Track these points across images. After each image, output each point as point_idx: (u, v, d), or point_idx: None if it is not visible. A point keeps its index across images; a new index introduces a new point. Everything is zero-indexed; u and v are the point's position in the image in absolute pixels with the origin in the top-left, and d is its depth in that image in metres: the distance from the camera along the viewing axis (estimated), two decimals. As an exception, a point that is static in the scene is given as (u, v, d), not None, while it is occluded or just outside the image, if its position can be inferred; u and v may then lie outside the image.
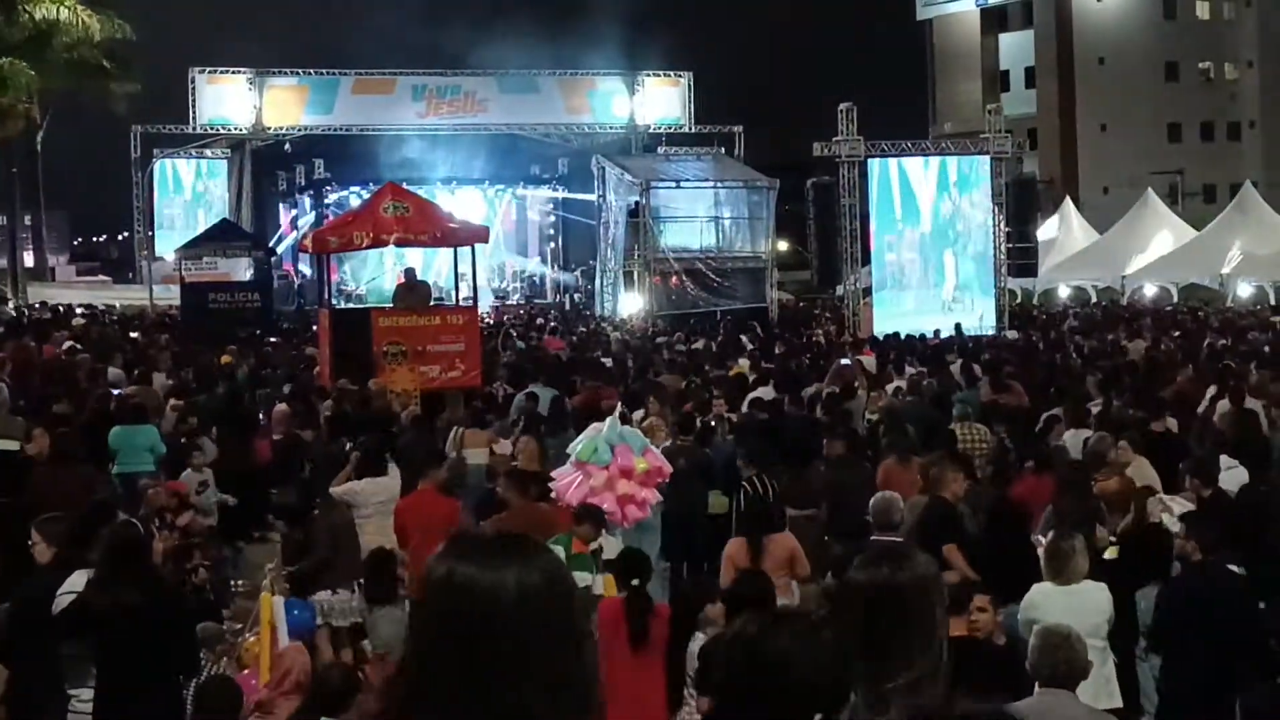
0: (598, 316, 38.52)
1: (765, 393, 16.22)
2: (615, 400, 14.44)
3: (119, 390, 16.95)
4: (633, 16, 49.43)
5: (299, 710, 6.88)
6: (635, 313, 36.95)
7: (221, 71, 46.84)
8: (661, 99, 49.51)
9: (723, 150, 46.85)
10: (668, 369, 20.14)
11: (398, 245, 21.00)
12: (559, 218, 48.64)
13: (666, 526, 11.78)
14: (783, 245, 45.66)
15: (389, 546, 9.82)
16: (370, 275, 39.06)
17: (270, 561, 10.22)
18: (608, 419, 10.59)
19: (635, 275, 38.14)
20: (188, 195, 50.40)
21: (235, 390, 17.64)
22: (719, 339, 28.18)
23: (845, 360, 20.18)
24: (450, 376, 18.69)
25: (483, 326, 24.29)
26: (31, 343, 23.60)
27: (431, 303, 21.46)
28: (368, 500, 10.81)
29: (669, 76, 49.84)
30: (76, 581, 7.37)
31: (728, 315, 35.03)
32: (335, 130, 47.27)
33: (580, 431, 10.85)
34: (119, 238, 78.70)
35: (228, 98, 46.62)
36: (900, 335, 26.56)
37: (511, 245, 48.31)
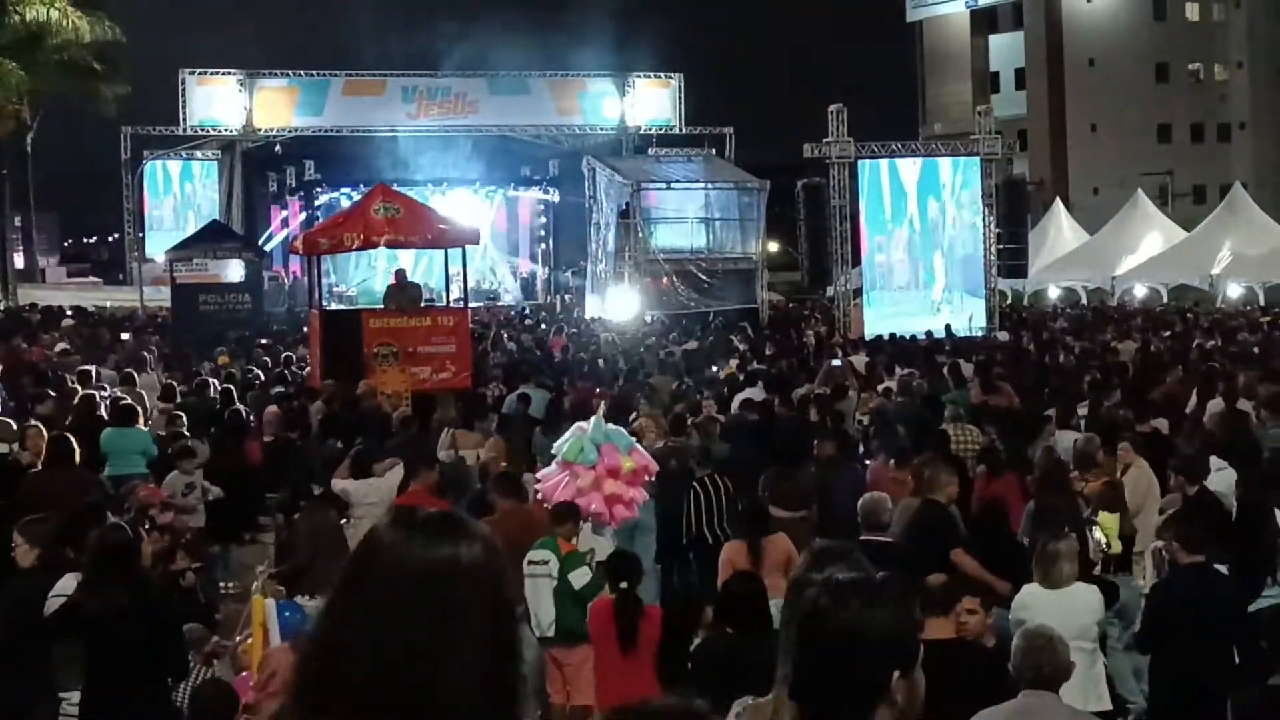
0: (588, 318, 38.47)
1: (755, 393, 16.23)
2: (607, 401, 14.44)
3: (109, 392, 16.91)
4: (623, 18, 49.34)
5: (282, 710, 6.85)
6: (626, 314, 36.94)
7: (211, 73, 46.67)
8: (652, 100, 49.43)
9: (713, 151, 46.77)
10: (659, 370, 20.16)
11: (389, 247, 21.01)
12: (550, 219, 48.60)
13: (660, 527, 11.76)
14: (773, 246, 45.67)
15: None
16: (361, 277, 39.04)
17: (261, 564, 10.22)
18: (592, 419, 10.57)
19: (626, 276, 38.15)
20: (178, 197, 50.28)
21: (227, 392, 17.61)
22: (710, 340, 28.19)
23: (836, 361, 20.22)
24: (441, 378, 18.71)
25: (473, 327, 24.28)
26: (22, 344, 23.56)
27: (422, 304, 21.48)
28: (360, 500, 10.88)
29: (659, 78, 49.77)
30: (67, 585, 7.35)
31: (719, 316, 35.05)
32: (326, 131, 47.09)
33: (576, 432, 10.84)
34: (109, 239, 78.38)
35: (218, 99, 46.44)
36: (889, 336, 26.59)
37: (503, 246, 48.24)
